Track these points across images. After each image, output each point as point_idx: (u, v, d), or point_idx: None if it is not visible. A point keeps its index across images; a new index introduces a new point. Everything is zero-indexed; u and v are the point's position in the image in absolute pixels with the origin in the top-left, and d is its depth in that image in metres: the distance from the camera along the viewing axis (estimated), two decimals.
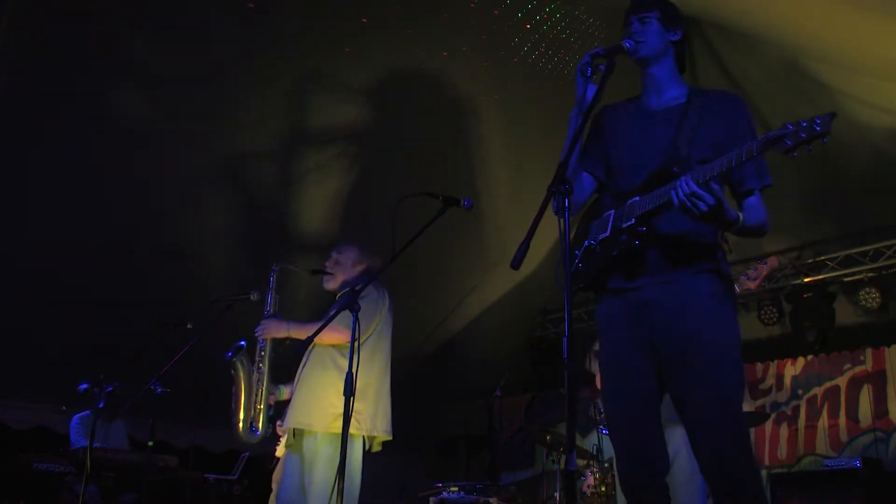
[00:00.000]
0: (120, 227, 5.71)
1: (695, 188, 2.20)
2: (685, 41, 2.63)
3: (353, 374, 2.96)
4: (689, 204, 2.21)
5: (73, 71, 4.81)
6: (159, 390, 4.24)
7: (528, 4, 5.21)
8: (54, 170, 5.27)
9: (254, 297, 4.05)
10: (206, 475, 5.93)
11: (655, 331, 2.36)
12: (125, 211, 5.65)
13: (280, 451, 4.72)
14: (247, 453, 6.10)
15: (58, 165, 5.25)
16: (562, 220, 2.00)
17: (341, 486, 2.91)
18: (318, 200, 6.31)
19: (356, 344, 2.99)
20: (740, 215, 2.31)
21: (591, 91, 2.39)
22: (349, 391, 2.94)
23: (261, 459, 5.85)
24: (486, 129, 6.13)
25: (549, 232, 2.24)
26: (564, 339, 1.91)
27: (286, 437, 3.92)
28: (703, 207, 2.20)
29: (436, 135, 6.02)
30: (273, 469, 4.69)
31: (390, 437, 3.90)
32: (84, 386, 5.29)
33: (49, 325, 5.95)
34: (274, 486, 4.46)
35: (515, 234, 2.00)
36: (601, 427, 5.21)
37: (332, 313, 3.36)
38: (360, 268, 4.08)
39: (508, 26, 5.33)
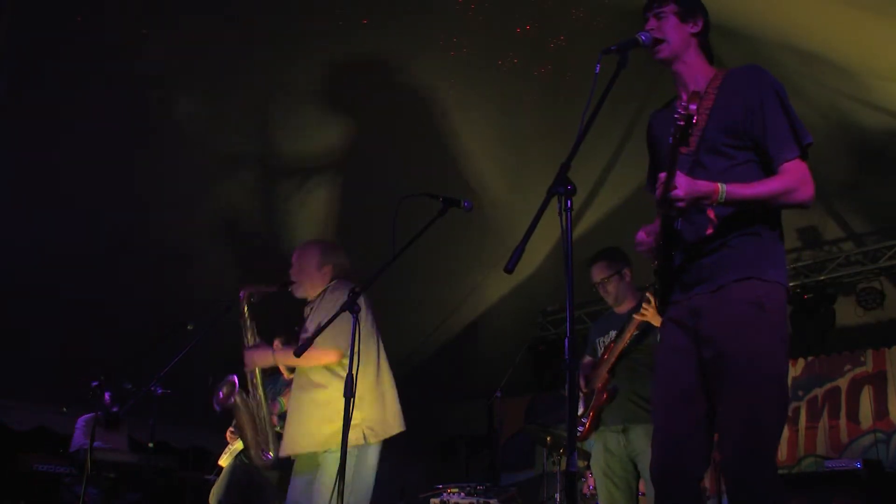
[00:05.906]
0: (119, 227, 5.71)
1: (659, 194, 2.15)
2: (707, 30, 2.49)
3: (353, 375, 2.95)
4: (669, 207, 2.17)
5: (71, 72, 4.81)
6: (160, 391, 4.23)
7: (528, 5, 5.21)
8: (54, 170, 5.27)
9: (253, 298, 4.02)
10: (206, 476, 5.92)
11: (698, 337, 2.31)
12: (125, 212, 5.64)
13: (223, 460, 4.66)
14: None
15: (58, 165, 5.25)
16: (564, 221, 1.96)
17: (341, 487, 2.91)
18: (317, 201, 6.31)
19: (356, 346, 2.98)
20: (720, 187, 2.18)
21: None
22: (350, 392, 2.93)
23: None
24: (487, 129, 6.13)
25: (550, 233, 2.23)
26: (566, 340, 1.91)
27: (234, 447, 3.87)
28: (678, 200, 2.14)
29: (436, 134, 6.02)
30: (213, 481, 4.63)
31: (403, 428, 3.84)
32: (95, 383, 5.26)
33: (49, 326, 5.94)
34: (212, 500, 4.43)
35: (516, 235, 1.99)
36: None
37: (328, 319, 3.24)
38: (326, 268, 3.86)
39: (509, 27, 5.33)
